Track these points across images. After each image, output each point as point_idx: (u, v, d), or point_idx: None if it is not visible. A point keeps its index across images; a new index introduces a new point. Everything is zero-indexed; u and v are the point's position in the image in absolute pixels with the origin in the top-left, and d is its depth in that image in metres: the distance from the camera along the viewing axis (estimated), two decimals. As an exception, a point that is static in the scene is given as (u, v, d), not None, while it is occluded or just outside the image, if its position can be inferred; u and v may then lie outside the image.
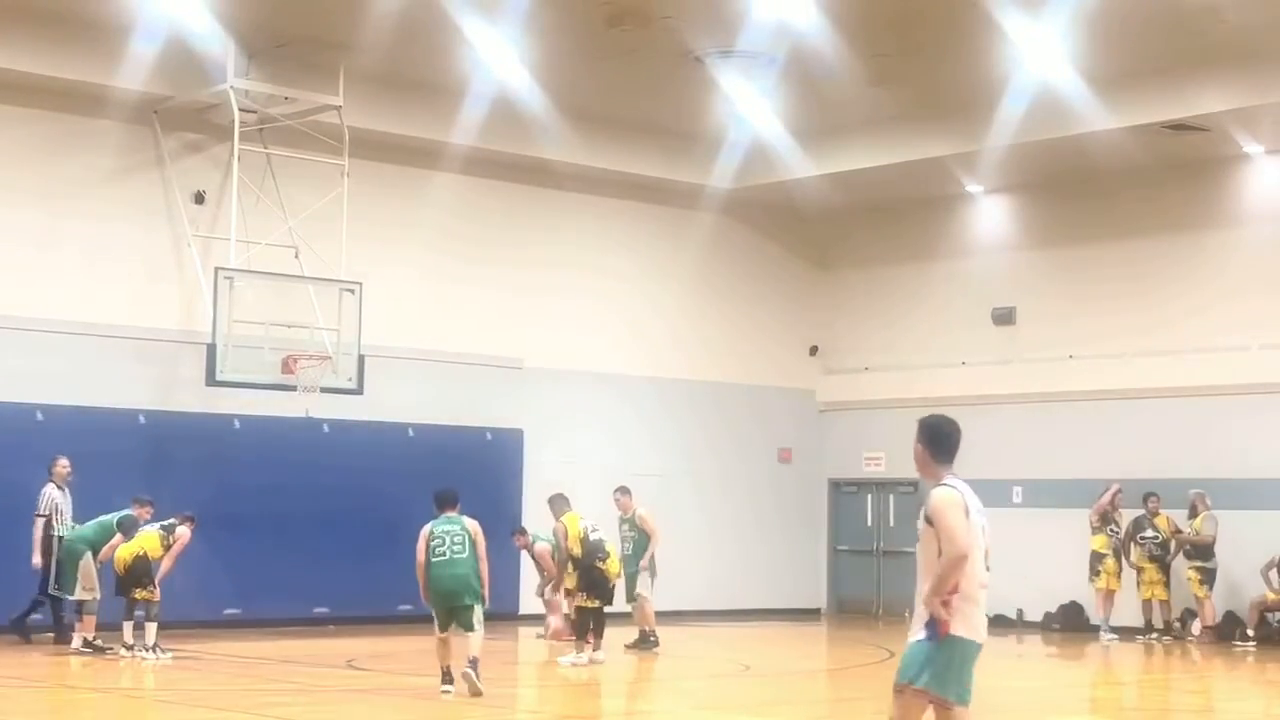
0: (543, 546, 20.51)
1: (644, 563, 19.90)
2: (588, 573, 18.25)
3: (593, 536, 18.45)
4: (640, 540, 19.99)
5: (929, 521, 8.01)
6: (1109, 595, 23.11)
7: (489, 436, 24.13)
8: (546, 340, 24.88)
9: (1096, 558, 23.06)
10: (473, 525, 14.96)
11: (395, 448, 22.66)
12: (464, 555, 14.84)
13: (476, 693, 14.26)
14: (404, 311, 23.08)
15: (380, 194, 22.92)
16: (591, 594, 18.19)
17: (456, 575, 14.71)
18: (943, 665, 7.98)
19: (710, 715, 14.64)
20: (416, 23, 19.39)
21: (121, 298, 21.26)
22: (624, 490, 20.45)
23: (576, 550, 18.34)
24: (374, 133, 22.25)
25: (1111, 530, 23.11)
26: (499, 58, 21.10)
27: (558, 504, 18.99)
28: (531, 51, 21.01)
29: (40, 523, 19.02)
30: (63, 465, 19.32)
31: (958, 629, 7.98)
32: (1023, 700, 16.38)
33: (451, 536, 14.87)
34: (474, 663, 14.47)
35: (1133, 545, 23.05)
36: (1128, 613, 23.29)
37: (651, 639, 19.81)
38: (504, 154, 23.76)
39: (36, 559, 18.90)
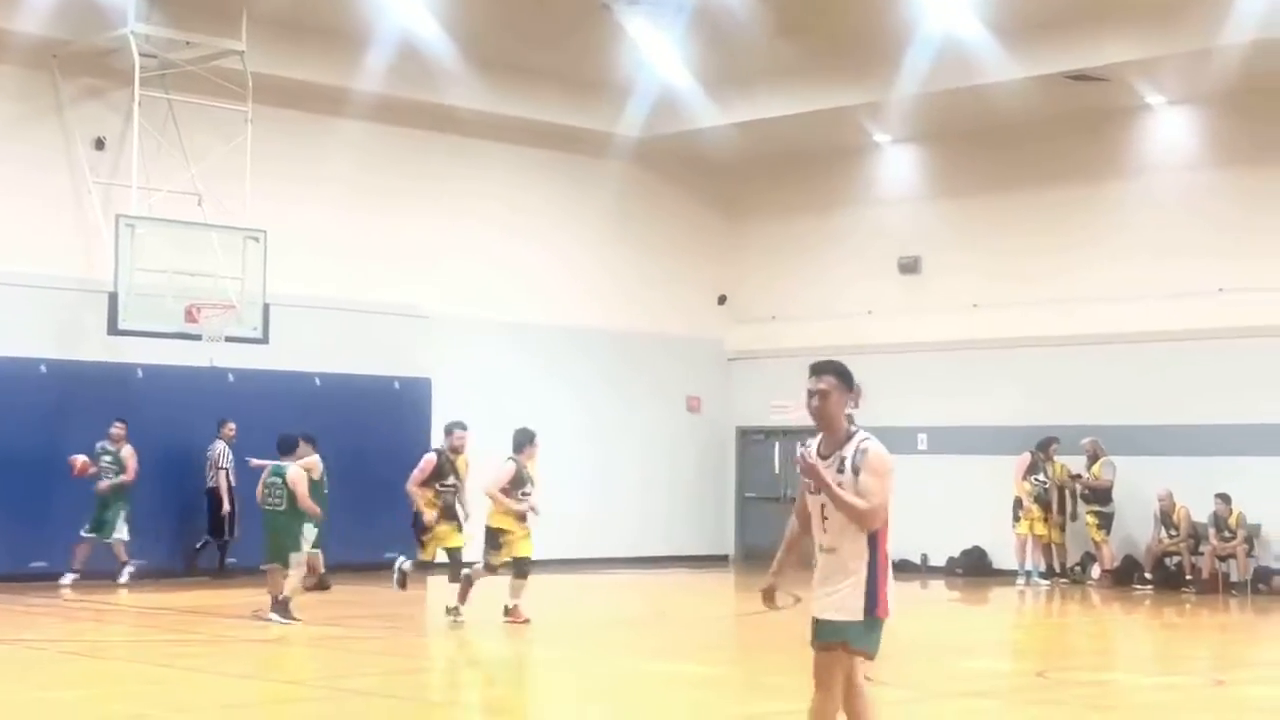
0: None
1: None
2: None
3: None
4: None
5: (856, 473, 7.56)
6: (1032, 541, 23.44)
7: (397, 386, 24.08)
8: (455, 289, 24.79)
9: (1018, 503, 23.35)
10: (293, 475, 15.44)
11: (301, 397, 22.45)
12: (281, 508, 15.50)
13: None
14: (310, 260, 22.85)
15: (285, 141, 22.72)
16: None
17: (271, 527, 16.08)
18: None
19: (630, 662, 14.78)
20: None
21: (21, 246, 20.94)
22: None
23: None
24: (278, 78, 22.05)
25: (1036, 480, 23.37)
26: (404, 2, 21.01)
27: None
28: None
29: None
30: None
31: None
32: (926, 643, 16.69)
33: (274, 489, 15.47)
34: (280, 603, 15.95)
35: (1024, 485, 23.35)
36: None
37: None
38: (410, 101, 23.63)
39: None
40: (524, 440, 17.01)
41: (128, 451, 20.03)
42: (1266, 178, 22.78)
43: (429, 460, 17.04)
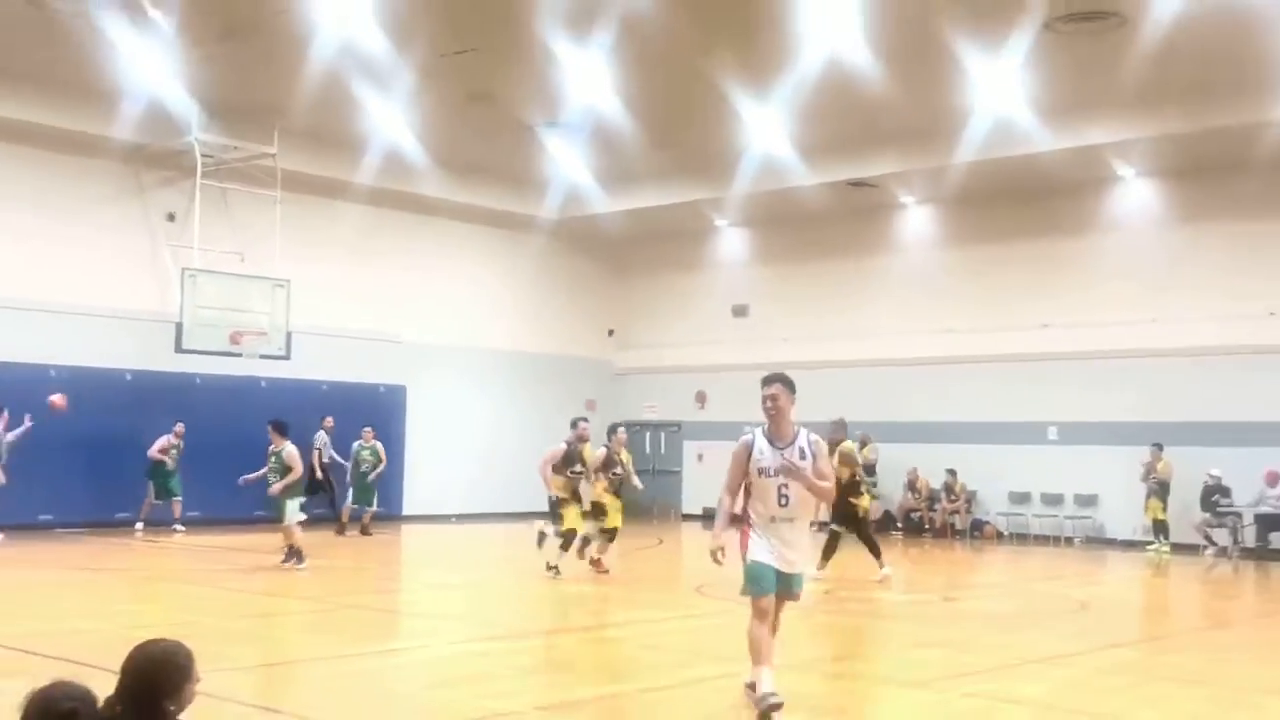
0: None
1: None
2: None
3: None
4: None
5: (814, 459, 6.99)
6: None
7: (381, 390, 23.90)
8: (422, 323, 24.69)
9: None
10: (287, 452, 14.70)
11: (314, 397, 22.29)
12: (279, 476, 14.66)
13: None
14: (321, 301, 22.66)
15: (304, 216, 22.48)
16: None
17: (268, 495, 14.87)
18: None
19: (537, 586, 14.71)
20: (330, 95, 19.09)
21: (114, 288, 20.63)
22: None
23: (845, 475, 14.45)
24: (300, 173, 21.81)
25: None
26: (390, 122, 20.88)
27: (837, 429, 15.13)
28: (414, 117, 20.83)
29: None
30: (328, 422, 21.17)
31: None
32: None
33: (273, 460, 14.85)
34: (290, 551, 14.65)
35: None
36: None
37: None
38: (394, 190, 23.46)
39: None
40: (610, 431, 15.40)
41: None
42: (985, 257, 23.24)
43: (558, 449, 14.74)
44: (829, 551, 14.86)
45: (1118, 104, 18.72)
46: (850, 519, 14.84)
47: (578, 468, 14.58)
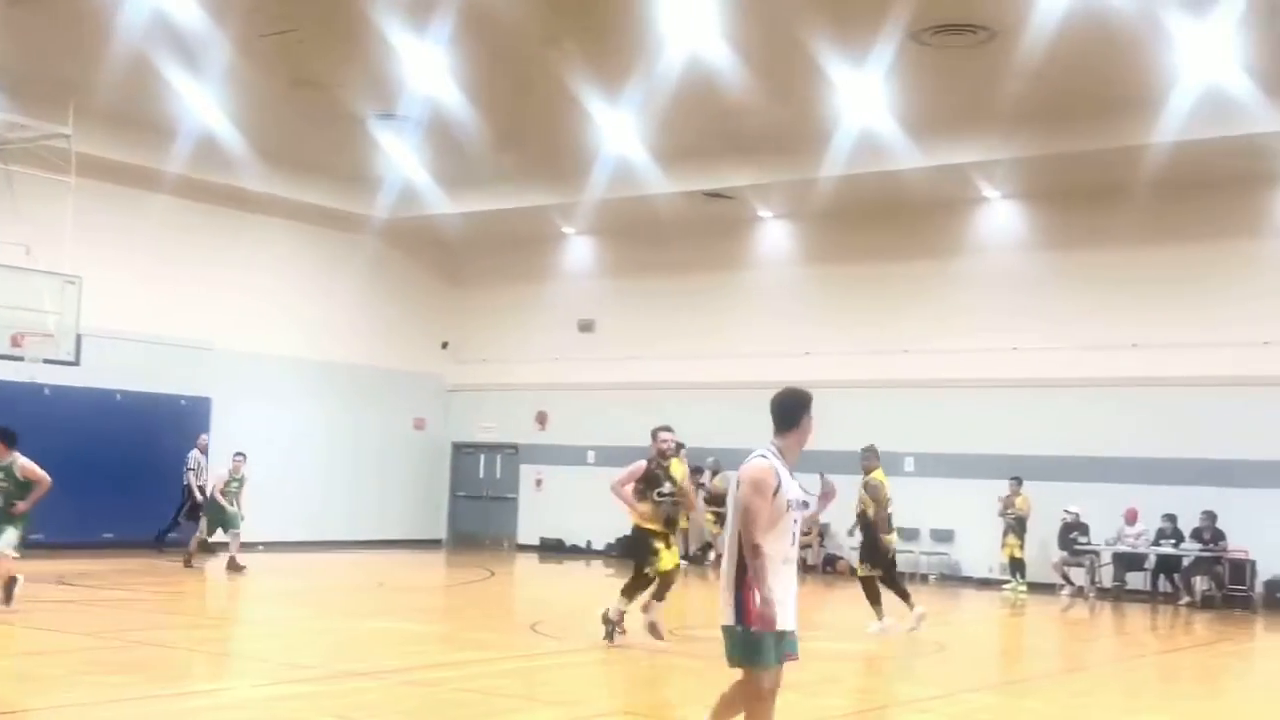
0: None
1: None
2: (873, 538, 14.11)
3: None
4: None
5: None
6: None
7: (183, 402, 23.11)
8: (235, 330, 24.00)
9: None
10: (20, 465, 13.26)
11: (106, 408, 21.46)
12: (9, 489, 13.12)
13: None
14: (120, 302, 21.77)
15: (103, 205, 21.58)
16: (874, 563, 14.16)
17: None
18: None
19: (349, 623, 14.38)
20: (136, 73, 18.42)
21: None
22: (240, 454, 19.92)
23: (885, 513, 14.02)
24: (99, 158, 20.90)
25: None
26: (205, 106, 20.25)
27: (869, 457, 14.24)
28: (232, 103, 20.25)
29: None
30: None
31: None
32: (589, 608, 16.72)
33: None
34: (7, 583, 13.05)
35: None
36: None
37: None
38: (208, 182, 22.74)
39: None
40: (653, 434, 13.05)
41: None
42: (842, 274, 23.69)
43: (636, 467, 12.47)
44: (876, 597, 13.98)
45: (984, 122, 19.32)
46: (883, 559, 14.14)
47: (665, 489, 12.30)
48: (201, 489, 21.28)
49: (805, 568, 22.83)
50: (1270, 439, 19.42)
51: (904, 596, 14.02)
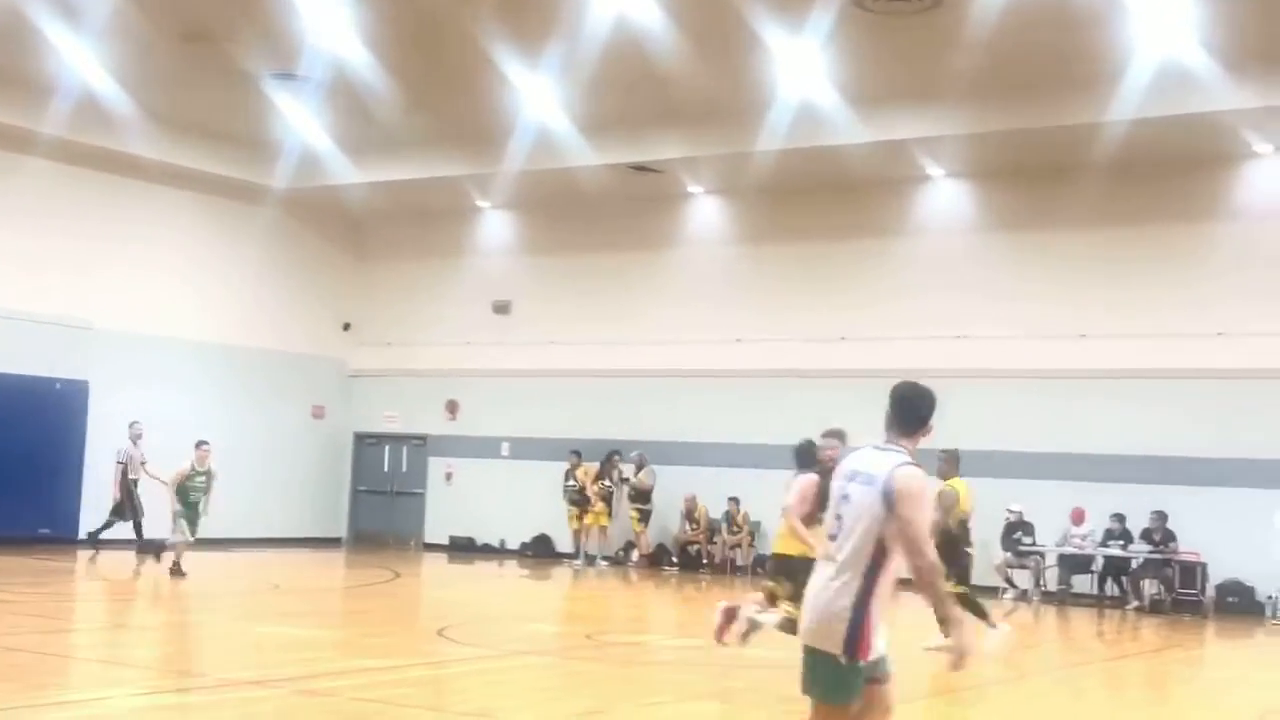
0: None
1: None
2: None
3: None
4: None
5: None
6: (595, 530, 23.82)
7: (58, 385, 22.69)
8: (116, 307, 23.59)
9: (584, 499, 23.68)
10: None
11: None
12: None
13: None
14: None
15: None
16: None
17: None
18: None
19: (240, 627, 14.23)
20: (6, 23, 18.01)
21: None
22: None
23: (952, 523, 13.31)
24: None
25: (604, 484, 23.71)
26: (83, 60, 19.84)
27: (950, 464, 13.51)
28: (113, 58, 19.87)
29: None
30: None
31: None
32: (498, 611, 16.70)
33: None
34: None
35: (594, 487, 23.71)
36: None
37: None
38: (87, 145, 22.27)
39: None
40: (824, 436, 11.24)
41: None
42: (777, 255, 23.80)
43: (807, 483, 10.83)
44: (979, 610, 13.51)
45: (930, 96, 19.48)
46: (965, 574, 13.63)
47: (785, 508, 11.16)
48: (135, 482, 21.31)
49: (734, 568, 22.96)
50: (1225, 435, 19.83)
51: (983, 614, 13.61)
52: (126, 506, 21.48)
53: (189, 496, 18.34)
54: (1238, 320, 19.91)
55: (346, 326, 27.92)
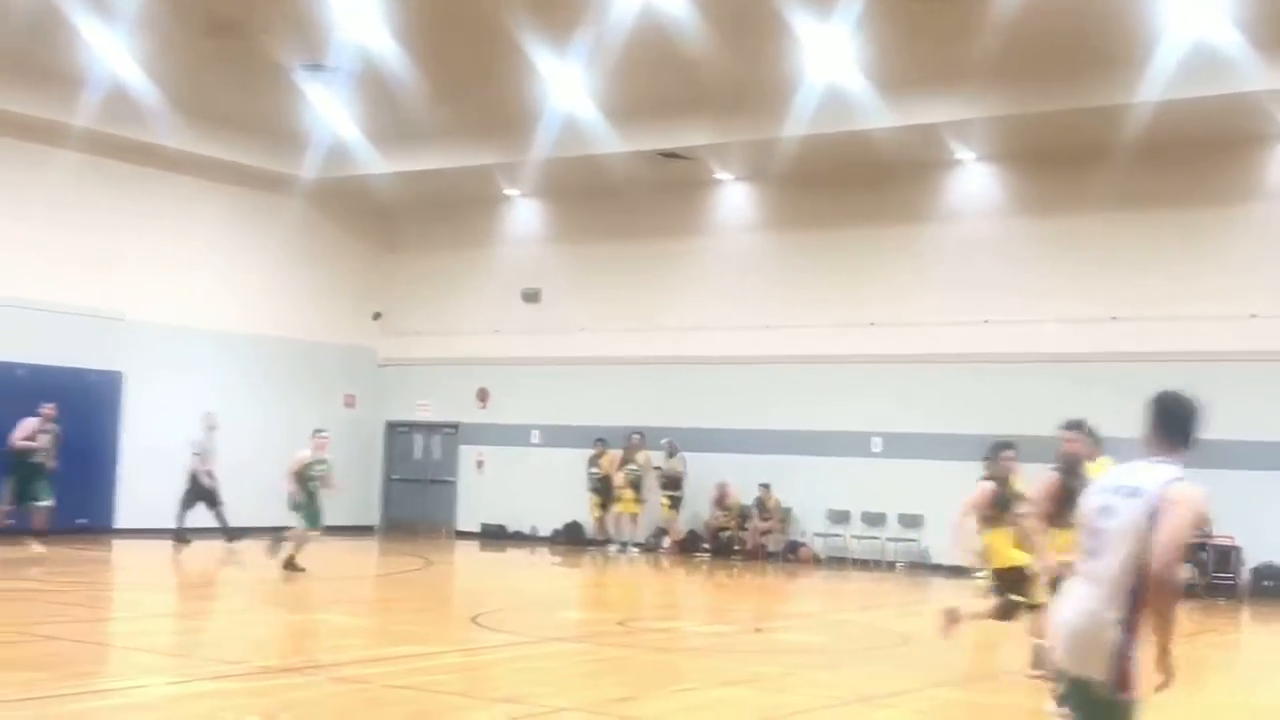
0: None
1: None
2: None
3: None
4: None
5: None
6: (625, 517, 23.88)
7: (92, 377, 22.86)
8: (149, 299, 23.74)
9: (608, 486, 23.76)
10: None
11: (5, 383, 21.13)
12: None
13: None
14: (19, 267, 21.61)
15: (1, 163, 21.32)
16: None
17: None
18: None
19: (275, 615, 14.32)
20: (37, 17, 18.14)
21: None
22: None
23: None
24: (-6, 109, 20.69)
25: (630, 469, 23.78)
26: (113, 53, 19.96)
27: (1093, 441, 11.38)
28: (143, 50, 19.98)
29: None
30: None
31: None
32: (533, 598, 16.75)
33: None
34: None
35: (620, 474, 23.84)
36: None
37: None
38: (118, 137, 22.41)
39: None
40: (996, 450, 11.74)
41: None
42: (806, 241, 23.74)
43: (983, 489, 11.30)
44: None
45: (958, 80, 19.35)
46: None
47: (1023, 509, 10.77)
48: (210, 473, 21.35)
49: (765, 555, 22.97)
50: (1260, 418, 19.63)
51: None
52: (203, 495, 21.34)
53: (309, 485, 18.04)
54: (1271, 303, 19.74)
55: (376, 316, 28.02)
